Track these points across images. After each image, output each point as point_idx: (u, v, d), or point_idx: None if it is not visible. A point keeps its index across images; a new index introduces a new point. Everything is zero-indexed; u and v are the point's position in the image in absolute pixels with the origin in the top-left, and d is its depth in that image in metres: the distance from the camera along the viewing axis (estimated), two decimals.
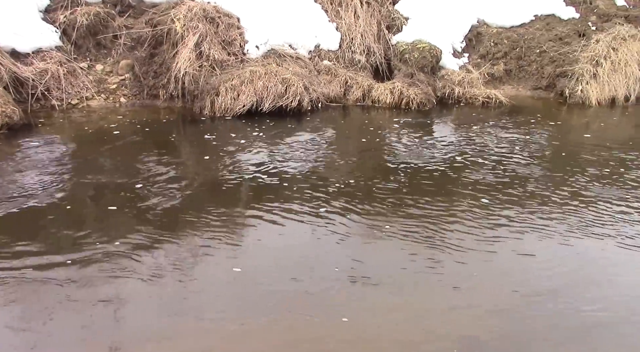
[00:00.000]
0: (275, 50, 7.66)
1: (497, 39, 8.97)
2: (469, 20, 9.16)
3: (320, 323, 3.05)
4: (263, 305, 3.18)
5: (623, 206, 4.64)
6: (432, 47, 8.17)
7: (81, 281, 3.34)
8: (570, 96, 8.28)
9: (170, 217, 4.19)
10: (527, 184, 5.05)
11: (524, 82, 8.86)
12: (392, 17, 8.68)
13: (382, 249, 3.89)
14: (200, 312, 3.11)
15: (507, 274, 3.60)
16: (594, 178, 5.23)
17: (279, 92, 6.88)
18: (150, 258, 3.62)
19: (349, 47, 8.23)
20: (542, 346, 2.94)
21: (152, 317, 3.06)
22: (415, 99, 7.63)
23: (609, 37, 8.58)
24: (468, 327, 3.05)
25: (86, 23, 7.22)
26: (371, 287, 3.40)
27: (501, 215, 4.40)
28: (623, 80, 8.32)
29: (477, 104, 7.98)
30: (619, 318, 3.19)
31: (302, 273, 3.52)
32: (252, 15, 7.86)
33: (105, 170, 5.02)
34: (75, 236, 3.85)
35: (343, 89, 7.81)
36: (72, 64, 7.07)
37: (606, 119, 7.68)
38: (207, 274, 3.51)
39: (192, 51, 7.05)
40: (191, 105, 7.06)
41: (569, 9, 9.40)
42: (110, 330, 2.93)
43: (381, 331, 3.00)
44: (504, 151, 5.93)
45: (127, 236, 3.87)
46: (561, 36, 8.99)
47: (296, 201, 4.52)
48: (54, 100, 6.78)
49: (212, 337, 2.93)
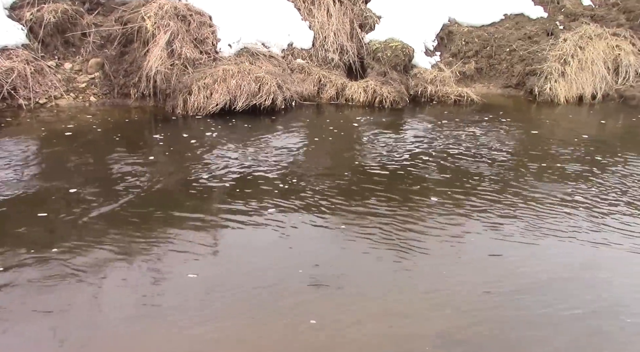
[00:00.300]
0: (248, 48, 7.62)
1: (468, 38, 9.09)
2: (441, 19, 9.26)
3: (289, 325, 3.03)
4: (226, 309, 3.12)
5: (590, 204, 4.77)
6: (404, 45, 8.23)
7: (15, 289, 3.20)
8: (540, 94, 8.44)
9: (124, 220, 4.06)
10: (495, 182, 5.13)
11: (495, 81, 9.00)
12: (365, 16, 8.72)
13: (348, 250, 3.85)
14: (155, 320, 3.00)
15: (478, 274, 3.62)
16: (564, 175, 5.35)
17: (252, 91, 6.85)
18: (96, 266, 3.47)
19: (322, 46, 8.24)
20: (515, 344, 2.99)
21: (90, 328, 2.92)
22: (389, 98, 7.68)
23: (576, 36, 8.77)
24: (441, 327, 3.07)
25: (54, 21, 7.06)
26: (337, 290, 3.36)
27: (467, 214, 4.46)
28: (590, 79, 8.52)
29: (450, 102, 8.07)
30: (597, 316, 3.25)
31: (265, 276, 3.46)
32: (224, 13, 7.79)
33: (64, 172, 4.88)
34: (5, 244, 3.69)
35: (317, 88, 7.82)
36: (39, 62, 6.91)
37: (575, 116, 7.86)
38: (159, 281, 3.36)
39: (164, 49, 6.96)
40: (163, 104, 6.97)
41: (538, 9, 9.59)
42: (48, 342, 2.81)
43: (351, 333, 2.99)
44: (471, 149, 6.01)
45: (65, 243, 3.70)
46: (530, 35, 9.16)
47: (258, 202, 4.46)
48: (21, 99, 6.61)
49: (170, 345, 2.86)
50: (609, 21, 9.37)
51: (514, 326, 3.10)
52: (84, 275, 3.37)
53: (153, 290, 3.28)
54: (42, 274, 3.36)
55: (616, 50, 8.74)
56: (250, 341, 2.90)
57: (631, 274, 3.70)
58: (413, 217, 4.33)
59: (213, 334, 2.92)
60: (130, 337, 2.89)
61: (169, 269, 3.50)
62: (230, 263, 3.63)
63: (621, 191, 4.98)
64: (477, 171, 5.33)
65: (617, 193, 4.94)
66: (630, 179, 5.27)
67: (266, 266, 3.58)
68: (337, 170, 5.25)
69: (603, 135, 6.97)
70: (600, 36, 8.81)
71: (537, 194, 4.86)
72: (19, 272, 3.37)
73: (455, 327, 3.05)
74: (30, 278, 3.32)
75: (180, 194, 4.58)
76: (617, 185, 5.12)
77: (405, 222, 4.22)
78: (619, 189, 5.02)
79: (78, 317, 3.01)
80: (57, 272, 3.39)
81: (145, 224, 4.04)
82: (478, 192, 4.86)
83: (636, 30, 9.24)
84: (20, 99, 6.61)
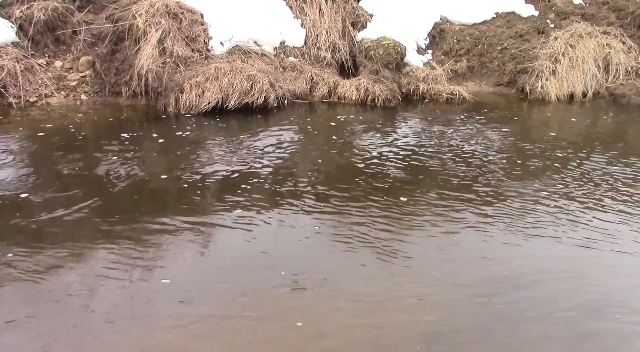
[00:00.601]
0: (240, 46, 7.60)
1: (459, 36, 9.11)
2: (432, 17, 9.28)
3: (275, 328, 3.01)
4: (206, 313, 3.08)
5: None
6: (396, 43, 8.25)
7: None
8: (531, 92, 8.48)
9: (102, 221, 4.00)
10: (483, 181, 5.15)
11: (486, 79, 9.04)
12: (357, 14, 8.72)
13: (334, 251, 3.82)
14: (130, 328, 2.94)
15: (468, 274, 3.62)
16: (559, 174, 5.38)
17: (244, 89, 6.83)
18: (62, 272, 3.36)
19: (314, 44, 8.24)
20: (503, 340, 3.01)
21: (50, 341, 2.81)
22: (381, 96, 7.69)
23: (566, 35, 8.82)
24: (428, 328, 3.08)
25: (44, 18, 7.01)
26: (323, 291, 3.34)
27: (455, 215, 4.47)
28: (580, 77, 8.58)
29: (441, 100, 8.10)
30: (589, 315, 3.28)
31: (249, 278, 3.44)
32: (215, 11, 7.77)
33: (49, 172, 4.84)
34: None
35: (309, 86, 7.81)
36: (29, 60, 6.85)
37: (566, 115, 7.90)
38: (131, 288, 3.26)
39: (155, 47, 6.93)
40: (155, 102, 6.94)
41: (529, 7, 9.63)
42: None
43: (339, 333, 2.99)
44: (462, 148, 6.04)
45: (22, 247, 3.60)
46: (521, 33, 9.21)
47: (245, 202, 4.43)
48: (11, 97, 6.56)
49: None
50: (599, 19, 9.43)
51: (504, 326, 3.12)
52: (49, 283, 3.25)
53: (139, 293, 3.26)
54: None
55: (606, 48, 8.80)
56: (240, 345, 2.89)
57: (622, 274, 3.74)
58: (395, 217, 4.31)
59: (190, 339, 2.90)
60: (99, 345, 2.82)
61: (144, 273, 3.47)
62: (207, 264, 3.57)
63: (610, 190, 5.03)
64: (464, 169, 5.36)
65: (606, 192, 4.98)
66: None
67: (249, 268, 3.56)
68: (327, 169, 5.24)
69: (599, 133, 7.02)
70: (591, 34, 8.87)
71: (529, 193, 4.89)
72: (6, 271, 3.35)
73: (443, 329, 3.06)
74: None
75: (166, 193, 4.55)
76: (610, 184, 5.17)
77: (385, 223, 4.20)
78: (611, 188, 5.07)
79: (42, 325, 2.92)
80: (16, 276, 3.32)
81: (128, 224, 3.98)
82: (466, 191, 4.88)
83: (626, 29, 9.31)
84: (10, 98, 6.55)
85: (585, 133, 6.95)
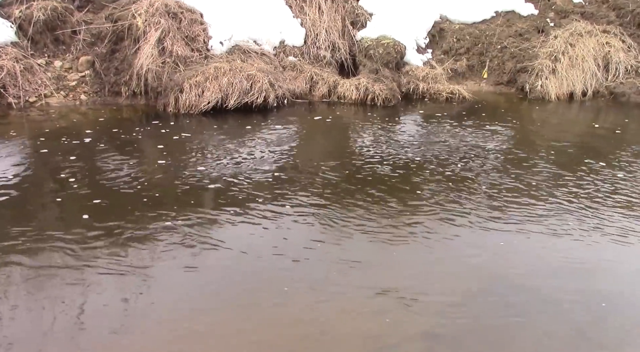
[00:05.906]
0: (239, 46, 7.59)
1: (459, 35, 9.11)
2: (432, 16, 9.27)
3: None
4: (207, 309, 3.11)
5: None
6: (396, 43, 8.24)
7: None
8: (531, 91, 8.49)
9: (101, 219, 4.03)
10: (481, 182, 5.16)
11: (487, 78, 9.02)
12: (356, 13, 8.71)
13: (332, 249, 3.83)
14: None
15: (465, 273, 3.63)
16: (554, 175, 5.38)
17: (244, 89, 6.83)
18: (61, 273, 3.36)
19: (314, 43, 8.23)
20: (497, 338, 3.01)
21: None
22: (381, 95, 7.69)
23: (566, 33, 8.82)
24: (426, 327, 3.07)
25: (43, 18, 7.00)
26: (322, 289, 3.36)
27: (452, 213, 4.47)
28: (580, 76, 8.57)
29: (441, 100, 8.10)
30: (586, 312, 3.28)
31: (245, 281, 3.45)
32: (215, 10, 7.76)
33: (48, 173, 4.84)
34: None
35: (309, 85, 7.81)
36: (29, 60, 6.85)
37: (566, 113, 7.90)
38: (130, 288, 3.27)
39: (155, 47, 6.92)
40: (154, 102, 6.93)
41: (528, 6, 9.62)
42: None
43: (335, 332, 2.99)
44: (462, 147, 6.03)
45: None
46: (521, 32, 9.20)
47: (244, 201, 4.43)
48: (11, 98, 6.55)
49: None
50: (599, 18, 9.42)
51: (502, 325, 3.12)
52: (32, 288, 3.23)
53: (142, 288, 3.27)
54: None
55: (606, 47, 8.79)
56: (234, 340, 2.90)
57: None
58: (395, 217, 4.30)
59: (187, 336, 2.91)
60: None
61: (161, 266, 3.48)
62: (207, 264, 3.57)
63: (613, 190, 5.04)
64: (464, 167, 5.36)
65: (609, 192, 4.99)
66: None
67: (249, 268, 3.57)
68: (327, 169, 5.23)
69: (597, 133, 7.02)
70: (591, 33, 8.86)
71: (528, 192, 4.89)
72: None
73: (441, 328, 3.06)
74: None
75: (166, 193, 4.53)
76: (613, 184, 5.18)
77: (385, 223, 4.20)
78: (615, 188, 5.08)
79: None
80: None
81: (127, 224, 3.98)
82: (464, 189, 4.88)
83: (626, 27, 9.30)
84: (10, 98, 6.55)
85: (585, 132, 6.95)
